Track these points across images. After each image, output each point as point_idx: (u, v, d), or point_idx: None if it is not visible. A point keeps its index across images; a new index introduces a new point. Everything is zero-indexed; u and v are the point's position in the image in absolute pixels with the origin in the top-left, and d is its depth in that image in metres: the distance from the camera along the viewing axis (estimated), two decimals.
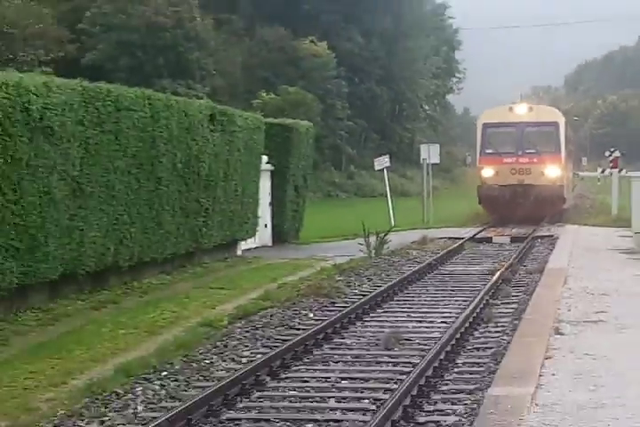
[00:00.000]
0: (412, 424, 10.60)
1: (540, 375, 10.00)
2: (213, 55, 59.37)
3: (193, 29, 54.43)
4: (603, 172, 52.74)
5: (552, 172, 39.24)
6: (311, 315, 18.01)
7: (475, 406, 10.56)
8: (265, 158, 30.30)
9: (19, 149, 16.31)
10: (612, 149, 47.16)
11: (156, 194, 21.80)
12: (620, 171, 47.12)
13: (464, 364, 13.68)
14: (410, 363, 13.52)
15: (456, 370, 13.32)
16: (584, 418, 8.42)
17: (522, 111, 40.53)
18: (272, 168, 31.49)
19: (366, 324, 17.22)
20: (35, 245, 16.82)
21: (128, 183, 20.45)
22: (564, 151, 40.65)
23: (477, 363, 13.58)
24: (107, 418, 10.86)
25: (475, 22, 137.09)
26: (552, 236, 33.34)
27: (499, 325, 16.41)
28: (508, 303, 18.70)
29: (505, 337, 14.82)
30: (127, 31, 51.83)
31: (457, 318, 16.67)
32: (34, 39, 45.55)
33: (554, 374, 10.07)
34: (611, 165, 46.23)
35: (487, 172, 39.79)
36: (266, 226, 31.62)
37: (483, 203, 40.71)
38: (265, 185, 30.83)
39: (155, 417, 10.47)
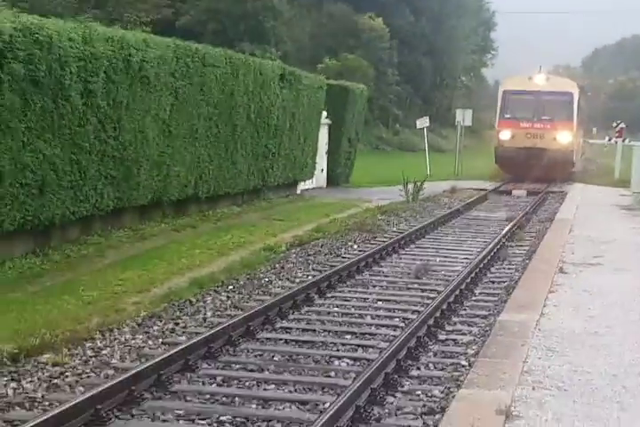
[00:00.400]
0: (433, 341, 10.62)
1: (544, 306, 9.95)
2: (286, 24, 58.86)
3: (270, 1, 53.91)
4: (609, 140, 51.95)
5: (563, 138, 36.68)
6: (355, 246, 18.01)
7: (487, 329, 10.53)
8: (324, 114, 30.14)
9: (119, 94, 16.33)
10: (619, 122, 46.48)
11: (232, 138, 21.78)
12: (623, 140, 46.52)
13: (480, 293, 13.64)
14: (435, 290, 13.50)
15: (473, 298, 13.29)
16: (578, 342, 8.40)
17: (540, 81, 37.56)
18: (330, 122, 31.35)
19: (401, 256, 17.20)
20: (129, 175, 16.90)
21: (209, 128, 20.44)
22: (576, 119, 37.91)
23: (492, 293, 13.54)
24: (180, 321, 10.99)
25: (509, 7, 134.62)
26: (562, 191, 32.99)
27: (512, 263, 16.31)
28: (522, 246, 18.59)
29: (517, 273, 14.72)
30: (215, 0, 51.48)
31: (477, 255, 16.62)
32: (137, 2, 45.35)
33: (555, 306, 10.01)
34: (617, 134, 45.59)
35: (505, 134, 37.24)
36: (322, 170, 31.56)
37: (499, 163, 38.61)
38: (323, 136, 30.72)
39: (220, 322, 10.58)
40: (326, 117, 30.60)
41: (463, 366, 9.20)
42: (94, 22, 18.28)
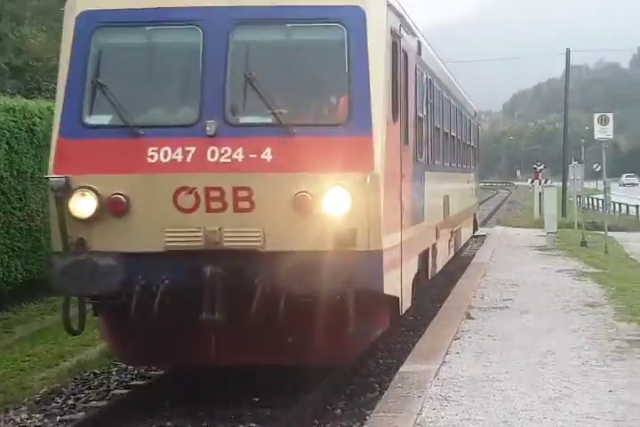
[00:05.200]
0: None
1: (447, 354, 9.79)
2: None
3: None
4: (532, 182, 53.04)
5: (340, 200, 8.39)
6: None
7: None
8: None
9: (24, 164, 16.07)
10: (539, 164, 47.58)
11: None
12: (545, 181, 47.59)
13: (393, 343, 13.43)
14: None
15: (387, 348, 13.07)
16: (476, 389, 8.26)
17: None
18: None
19: None
20: (38, 246, 16.52)
21: None
22: (398, 118, 9.62)
23: (405, 342, 13.30)
24: (82, 395, 10.56)
25: None
26: (484, 235, 32.97)
27: (427, 310, 16.17)
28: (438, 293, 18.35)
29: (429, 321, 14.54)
30: None
31: None
32: (55, 71, 44.98)
33: (458, 353, 9.87)
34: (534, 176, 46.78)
35: (81, 202, 8.62)
36: None
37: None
38: None
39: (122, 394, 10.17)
40: None
41: None
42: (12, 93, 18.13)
